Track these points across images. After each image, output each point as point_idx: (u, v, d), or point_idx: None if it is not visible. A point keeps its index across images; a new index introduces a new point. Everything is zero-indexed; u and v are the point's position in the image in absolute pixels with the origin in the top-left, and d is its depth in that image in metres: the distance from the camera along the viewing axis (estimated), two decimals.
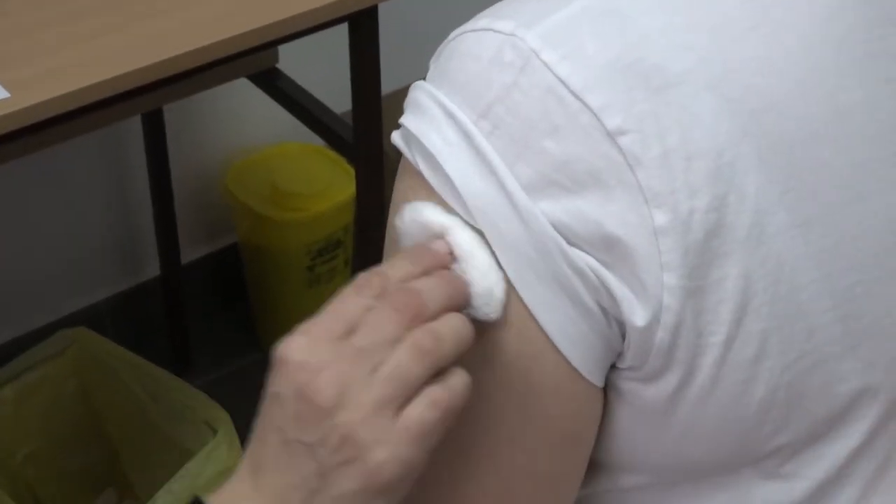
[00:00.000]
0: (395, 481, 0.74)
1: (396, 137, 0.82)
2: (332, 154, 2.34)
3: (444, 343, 0.74)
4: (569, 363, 0.79)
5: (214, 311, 2.50)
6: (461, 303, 0.77)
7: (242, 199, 2.33)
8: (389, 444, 0.73)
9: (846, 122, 0.78)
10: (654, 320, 0.77)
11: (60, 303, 2.31)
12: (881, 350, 0.83)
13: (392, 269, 0.77)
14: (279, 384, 0.74)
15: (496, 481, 0.83)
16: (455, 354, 0.75)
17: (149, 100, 1.83)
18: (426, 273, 0.77)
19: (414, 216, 0.79)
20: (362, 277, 0.77)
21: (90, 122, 1.78)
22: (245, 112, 2.39)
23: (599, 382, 0.81)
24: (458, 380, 0.75)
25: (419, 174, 0.80)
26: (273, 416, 0.75)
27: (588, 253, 0.76)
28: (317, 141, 2.14)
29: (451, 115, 0.78)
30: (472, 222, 0.78)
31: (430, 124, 0.79)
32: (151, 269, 2.40)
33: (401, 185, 0.83)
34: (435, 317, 0.75)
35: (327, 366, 0.73)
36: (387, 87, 1.86)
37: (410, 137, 0.80)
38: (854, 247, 0.80)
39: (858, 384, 0.83)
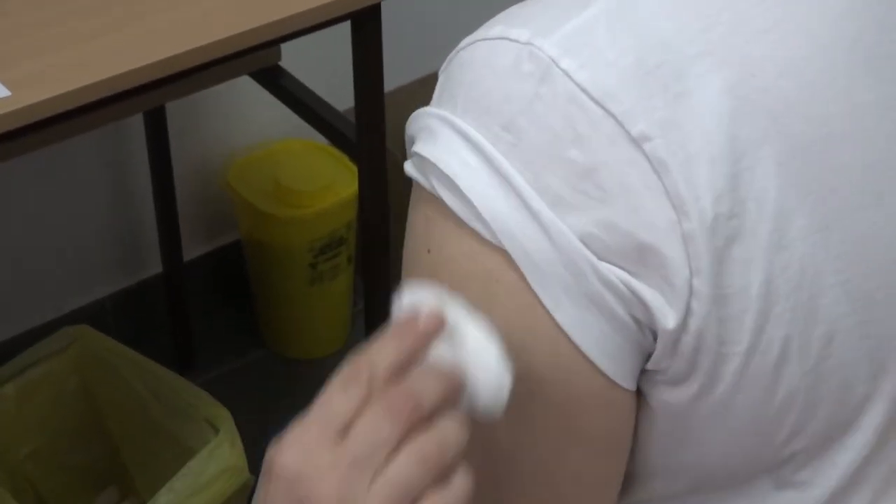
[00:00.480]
0: None
1: (409, 167, 0.81)
2: (335, 151, 2.34)
3: (447, 449, 0.71)
4: (604, 374, 0.78)
5: (217, 309, 2.50)
6: (455, 400, 0.73)
7: (245, 197, 2.32)
8: None
9: (860, 122, 0.78)
10: (682, 324, 0.76)
11: (62, 300, 2.31)
12: None
13: (378, 354, 0.73)
14: (274, 492, 0.71)
15: (549, 495, 0.83)
16: (455, 459, 0.72)
17: (151, 98, 1.83)
18: (414, 357, 0.73)
19: (413, 301, 0.76)
20: (347, 371, 0.73)
21: (92, 120, 1.78)
22: (247, 109, 2.38)
23: (632, 387, 0.80)
24: (459, 483, 0.72)
25: (438, 201, 0.78)
26: None
27: (618, 266, 0.75)
28: (319, 138, 2.14)
29: (466, 137, 0.76)
30: (496, 243, 0.76)
31: (445, 148, 0.77)
32: (153, 266, 2.39)
33: (417, 216, 0.81)
34: (430, 417, 0.71)
35: (325, 476, 0.70)
36: (389, 84, 1.85)
37: (426, 164, 0.79)
38: (873, 250, 0.79)
39: (872, 388, 0.82)
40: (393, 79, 1.90)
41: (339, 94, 2.01)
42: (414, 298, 0.76)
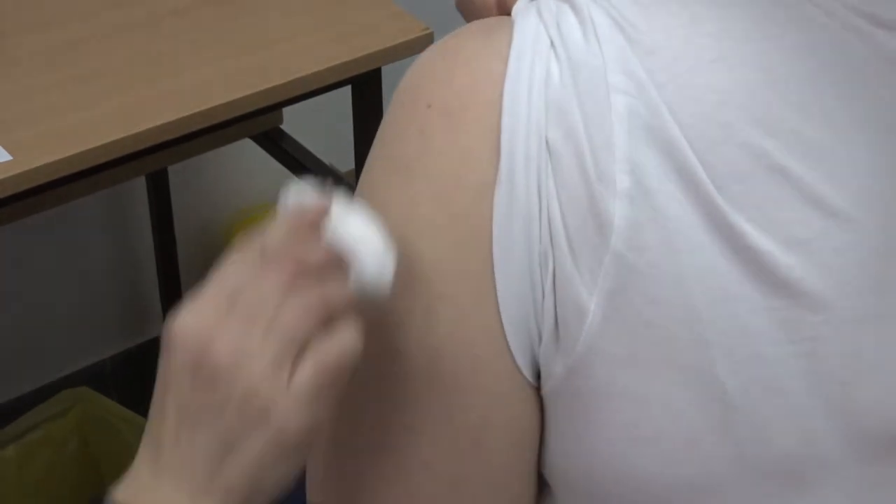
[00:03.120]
0: (300, 440, 0.73)
1: None
2: None
3: (331, 299, 0.74)
4: (510, 352, 0.76)
5: None
6: (340, 267, 0.75)
7: None
8: (289, 403, 0.72)
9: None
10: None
11: (64, 362, 2.30)
12: (850, 398, 0.75)
13: (268, 235, 0.76)
14: (174, 359, 0.74)
15: (395, 473, 0.79)
16: (340, 313, 0.74)
17: (153, 160, 1.83)
18: (301, 238, 0.75)
19: (298, 197, 0.78)
20: (239, 249, 0.77)
21: (93, 183, 1.78)
22: (249, 172, 2.39)
23: (531, 378, 0.77)
24: (345, 333, 0.74)
25: None
26: (170, 394, 0.75)
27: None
28: None
29: None
30: None
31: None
32: (155, 328, 2.39)
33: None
34: (317, 275, 0.74)
35: (219, 332, 0.73)
36: None
37: None
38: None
39: (825, 430, 0.76)
40: None
41: (341, 156, 2.02)
42: (298, 195, 0.78)
